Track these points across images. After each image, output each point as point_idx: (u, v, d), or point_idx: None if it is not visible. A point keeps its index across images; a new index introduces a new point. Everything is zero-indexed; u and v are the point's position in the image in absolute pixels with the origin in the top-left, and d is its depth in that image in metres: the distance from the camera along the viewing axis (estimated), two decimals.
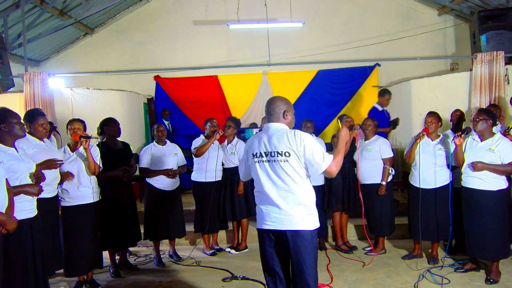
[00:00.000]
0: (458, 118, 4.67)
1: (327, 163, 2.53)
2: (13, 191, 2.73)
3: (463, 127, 4.64)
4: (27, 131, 3.36)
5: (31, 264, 2.83)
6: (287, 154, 2.54)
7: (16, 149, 2.95)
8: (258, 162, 2.63)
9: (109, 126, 4.34)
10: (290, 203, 2.54)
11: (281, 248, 2.63)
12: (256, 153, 2.64)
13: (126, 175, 4.30)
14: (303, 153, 2.53)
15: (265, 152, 2.61)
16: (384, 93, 6.13)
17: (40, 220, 3.02)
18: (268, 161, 2.59)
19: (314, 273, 2.58)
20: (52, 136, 4.80)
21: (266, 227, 2.63)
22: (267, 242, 2.67)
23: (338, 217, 4.98)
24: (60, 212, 3.85)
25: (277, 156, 2.56)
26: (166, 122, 7.79)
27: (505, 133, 4.12)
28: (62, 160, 3.53)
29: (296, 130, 2.62)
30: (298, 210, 2.55)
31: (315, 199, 2.64)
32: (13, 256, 2.73)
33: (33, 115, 3.57)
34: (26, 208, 2.86)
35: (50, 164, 3.39)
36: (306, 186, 2.60)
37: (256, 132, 6.91)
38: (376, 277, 4.12)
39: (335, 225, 5.01)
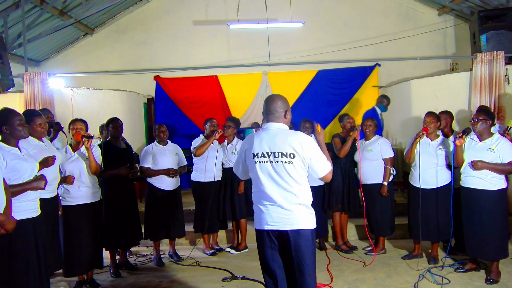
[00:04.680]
0: (450, 125, 4.56)
1: (326, 170, 2.61)
2: (18, 189, 2.74)
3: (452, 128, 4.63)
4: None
5: (35, 264, 2.83)
6: (291, 156, 2.53)
7: (19, 149, 2.94)
8: (259, 162, 2.57)
9: (112, 126, 4.39)
10: (292, 203, 2.54)
11: (281, 248, 2.61)
12: (257, 153, 2.58)
13: (131, 172, 4.32)
14: (307, 157, 2.54)
15: (267, 153, 2.55)
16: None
17: (43, 220, 3.03)
18: (271, 161, 2.54)
19: (314, 272, 2.59)
20: (59, 136, 4.82)
21: (268, 227, 2.58)
22: (267, 243, 2.62)
23: (338, 217, 4.98)
24: (60, 211, 3.85)
25: (281, 157, 2.53)
26: (379, 112, 6.29)
27: (504, 133, 4.11)
28: (54, 156, 3.52)
29: (299, 132, 2.63)
30: (300, 210, 2.56)
31: (312, 199, 2.65)
32: (15, 255, 2.73)
33: (30, 115, 3.52)
34: (29, 207, 2.86)
35: (47, 162, 3.39)
36: (306, 187, 2.60)
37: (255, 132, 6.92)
38: (376, 277, 4.13)
39: (335, 225, 5.01)
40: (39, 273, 2.86)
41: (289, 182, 2.54)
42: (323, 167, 2.59)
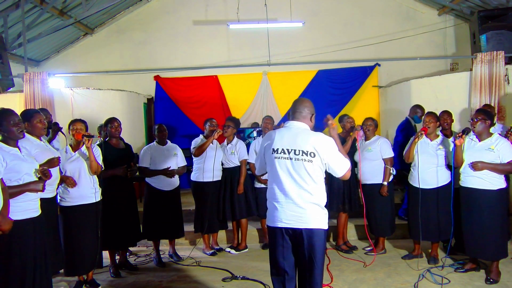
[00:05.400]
0: (450, 125, 4.54)
1: (345, 169, 2.66)
2: (16, 190, 2.74)
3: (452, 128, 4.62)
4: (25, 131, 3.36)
5: (31, 264, 2.81)
6: (312, 155, 2.57)
7: (19, 149, 2.93)
8: (279, 158, 2.60)
9: (107, 126, 4.37)
10: (308, 202, 2.58)
11: (294, 246, 2.62)
12: (277, 149, 2.62)
13: (128, 171, 4.32)
14: (327, 158, 2.59)
15: (287, 149, 2.59)
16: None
17: (43, 220, 3.02)
18: (290, 158, 2.58)
19: (323, 272, 2.63)
20: (57, 136, 4.81)
21: (282, 225, 2.60)
22: (279, 241, 2.63)
23: (343, 217, 4.98)
24: (58, 212, 3.85)
25: (302, 155, 2.57)
26: (413, 124, 5.76)
27: (507, 134, 4.10)
28: (59, 157, 3.53)
29: (321, 133, 2.67)
30: (314, 209, 2.59)
31: (326, 200, 2.68)
32: (13, 255, 2.72)
33: (29, 113, 3.54)
34: (29, 207, 2.86)
35: (52, 162, 3.39)
36: (322, 187, 2.65)
37: (256, 131, 6.92)
38: (376, 277, 4.13)
39: (339, 225, 5.01)
40: (34, 273, 2.83)
41: (306, 180, 2.57)
42: (343, 166, 2.65)
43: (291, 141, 2.60)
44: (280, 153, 2.60)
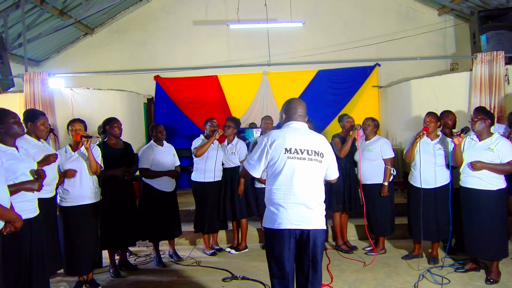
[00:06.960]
0: (454, 123, 4.57)
1: (337, 174, 2.83)
2: (12, 189, 2.71)
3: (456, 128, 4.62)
4: (25, 130, 3.35)
5: (26, 265, 2.79)
6: (321, 155, 2.62)
7: (17, 148, 2.92)
8: (292, 158, 2.56)
9: (111, 126, 4.36)
10: (315, 202, 2.59)
11: (298, 248, 2.59)
12: (291, 149, 2.57)
13: (126, 173, 4.31)
14: (330, 160, 2.70)
15: (300, 150, 2.58)
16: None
17: (41, 220, 3.00)
18: (304, 158, 2.57)
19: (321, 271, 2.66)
20: (48, 137, 4.79)
21: (291, 226, 2.53)
22: (286, 244, 2.55)
23: (338, 217, 4.98)
24: (58, 212, 3.84)
25: (314, 155, 2.59)
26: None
27: (509, 136, 4.09)
28: (56, 153, 3.52)
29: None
30: (320, 210, 2.63)
31: None
32: (8, 256, 2.69)
33: (34, 114, 3.57)
34: (26, 208, 2.84)
35: (48, 160, 3.39)
36: (323, 187, 2.69)
37: (256, 131, 6.91)
38: (376, 277, 4.12)
39: (335, 225, 5.01)
40: (30, 273, 2.81)
41: (316, 181, 2.61)
42: (336, 172, 2.81)
43: (303, 141, 2.61)
44: (293, 153, 2.56)
